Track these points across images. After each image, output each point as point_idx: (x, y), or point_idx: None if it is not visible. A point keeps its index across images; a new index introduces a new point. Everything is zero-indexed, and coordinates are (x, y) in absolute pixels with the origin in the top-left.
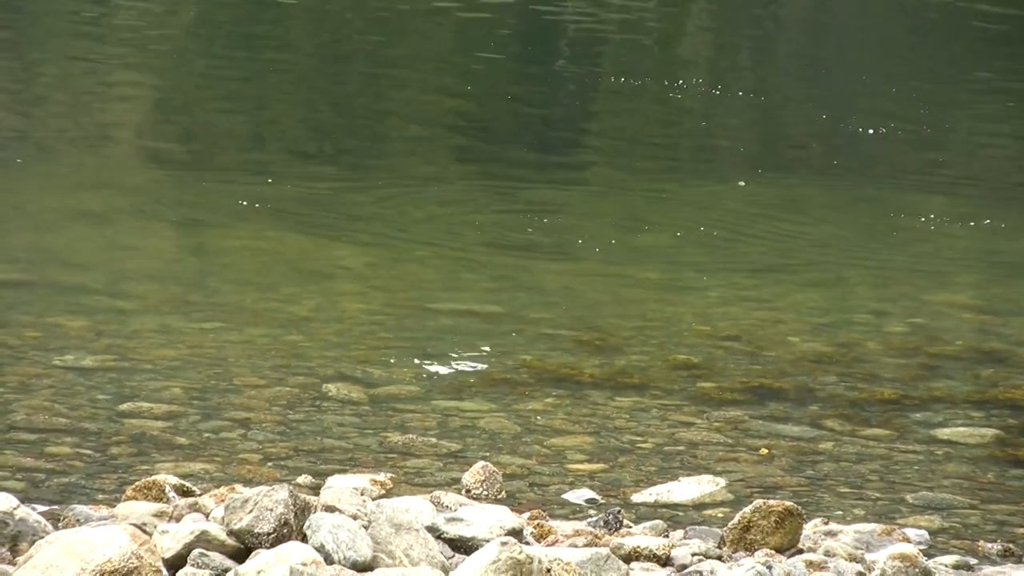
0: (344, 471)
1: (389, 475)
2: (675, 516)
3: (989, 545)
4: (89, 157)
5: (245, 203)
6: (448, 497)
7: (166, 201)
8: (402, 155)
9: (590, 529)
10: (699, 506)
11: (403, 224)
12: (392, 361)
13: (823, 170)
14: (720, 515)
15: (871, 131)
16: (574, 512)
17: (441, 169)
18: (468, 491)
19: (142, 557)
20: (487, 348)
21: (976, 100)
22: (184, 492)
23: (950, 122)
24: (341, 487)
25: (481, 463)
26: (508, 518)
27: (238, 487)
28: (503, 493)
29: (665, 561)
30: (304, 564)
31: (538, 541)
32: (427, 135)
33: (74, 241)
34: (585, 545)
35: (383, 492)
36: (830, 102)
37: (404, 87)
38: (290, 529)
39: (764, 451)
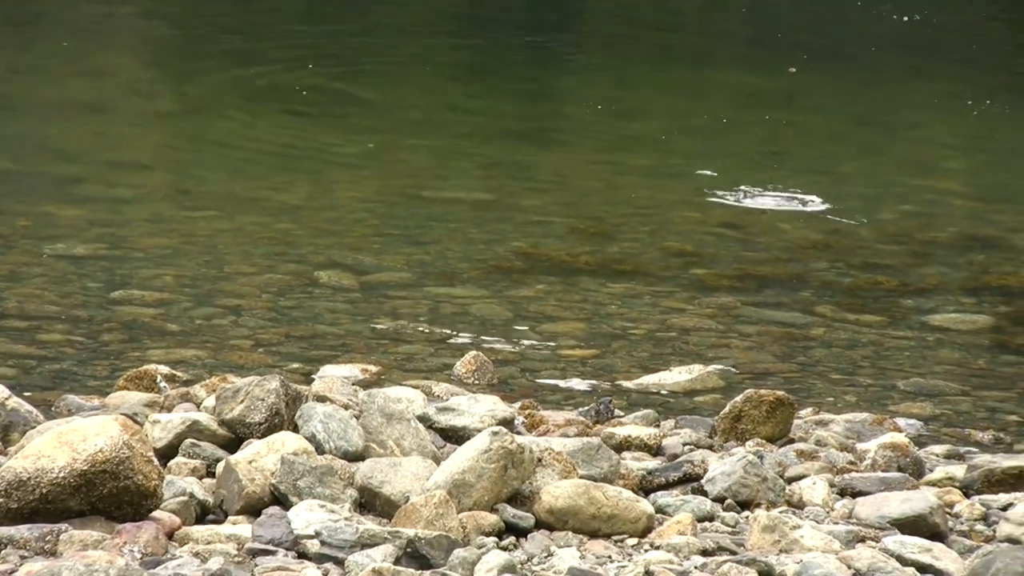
0: (335, 357)
1: (380, 361)
2: (667, 403)
3: (980, 434)
4: (80, 45)
5: (236, 92)
6: (439, 387)
7: (157, 90)
8: (394, 42)
9: (582, 419)
10: (690, 393)
11: (394, 112)
12: (383, 248)
13: (835, 57)
14: (711, 401)
15: (905, 18)
16: (566, 399)
17: (433, 56)
18: (460, 381)
19: (134, 447)
20: (478, 235)
21: None
22: (175, 381)
23: (988, 11)
24: (333, 376)
25: (473, 352)
26: (500, 408)
27: (230, 377)
28: (495, 380)
29: (656, 451)
30: (296, 454)
31: (529, 431)
32: (420, 21)
33: (65, 130)
34: (576, 435)
35: (374, 379)
36: None
37: None
38: (281, 419)
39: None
